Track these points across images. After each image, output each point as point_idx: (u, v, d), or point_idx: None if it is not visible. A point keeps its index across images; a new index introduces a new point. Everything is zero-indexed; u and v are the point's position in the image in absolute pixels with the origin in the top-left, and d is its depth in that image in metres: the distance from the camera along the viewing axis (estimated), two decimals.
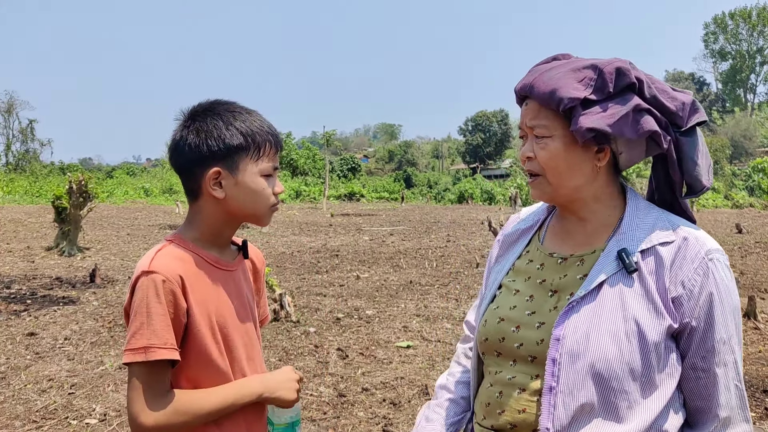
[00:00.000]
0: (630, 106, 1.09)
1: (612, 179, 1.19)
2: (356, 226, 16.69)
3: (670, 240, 1.11)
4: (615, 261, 1.11)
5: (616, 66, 1.11)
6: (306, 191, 34.81)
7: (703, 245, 1.10)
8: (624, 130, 1.09)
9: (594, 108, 1.09)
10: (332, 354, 4.88)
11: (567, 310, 1.11)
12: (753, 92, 70.92)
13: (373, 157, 73.04)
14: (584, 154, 1.14)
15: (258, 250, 1.52)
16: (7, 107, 48.30)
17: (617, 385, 1.05)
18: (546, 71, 1.16)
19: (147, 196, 31.84)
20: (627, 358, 1.05)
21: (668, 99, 1.13)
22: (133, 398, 1.16)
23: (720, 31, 68.90)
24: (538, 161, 1.16)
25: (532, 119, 1.17)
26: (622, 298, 1.08)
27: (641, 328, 1.06)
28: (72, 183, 10.09)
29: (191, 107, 1.31)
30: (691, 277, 1.08)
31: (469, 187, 36.93)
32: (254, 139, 1.26)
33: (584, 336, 1.07)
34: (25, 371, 4.37)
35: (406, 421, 3.59)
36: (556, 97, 1.10)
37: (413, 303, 6.83)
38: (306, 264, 9.65)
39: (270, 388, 1.30)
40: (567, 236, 1.23)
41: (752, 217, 20.91)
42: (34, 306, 6.38)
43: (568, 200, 1.20)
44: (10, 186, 30.67)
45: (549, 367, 1.09)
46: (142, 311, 1.17)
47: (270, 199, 1.30)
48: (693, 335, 1.09)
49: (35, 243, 11.64)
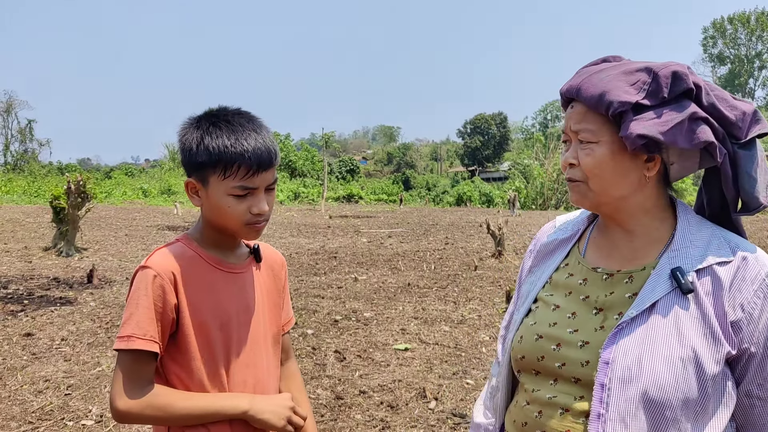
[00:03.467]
0: (686, 114, 1.02)
1: (662, 191, 1.12)
2: (354, 228, 16.69)
3: (729, 259, 1.04)
4: (669, 280, 1.04)
5: (673, 70, 1.03)
6: (304, 193, 34.84)
7: (764, 266, 1.04)
8: (678, 139, 1.02)
9: (647, 113, 1.02)
10: (330, 356, 4.87)
11: (617, 332, 1.03)
12: (752, 97, 71.15)
13: (371, 159, 73.12)
14: (632, 162, 1.07)
15: (277, 253, 1.50)
16: (5, 107, 48.33)
17: (671, 414, 0.98)
18: (595, 73, 1.09)
19: (145, 196, 31.84)
20: (682, 386, 0.98)
21: (728, 108, 1.05)
22: (115, 382, 1.21)
23: (719, 36, 69.18)
24: (582, 168, 1.09)
25: (577, 123, 1.09)
26: (677, 320, 1.01)
27: (698, 355, 0.99)
28: (70, 183, 10.07)
29: (199, 114, 1.29)
30: (751, 300, 1.02)
31: (468, 189, 36.98)
32: (221, 158, 1.21)
33: (636, 361, 1.00)
34: (22, 372, 4.35)
35: (404, 424, 3.59)
36: (606, 100, 1.03)
37: (411, 305, 6.82)
38: (304, 266, 9.63)
39: (257, 409, 1.27)
40: (612, 250, 1.15)
41: (751, 222, 20.94)
42: (31, 306, 6.36)
43: (613, 210, 1.12)
44: (9, 186, 30.65)
45: (597, 392, 1.01)
46: (133, 303, 1.22)
47: (241, 218, 1.25)
48: (751, 361, 1.03)
49: (33, 243, 11.61)
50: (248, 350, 1.32)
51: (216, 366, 1.28)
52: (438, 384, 4.25)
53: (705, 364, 0.99)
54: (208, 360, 1.27)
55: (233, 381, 1.30)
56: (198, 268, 1.28)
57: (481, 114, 67.06)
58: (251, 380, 1.32)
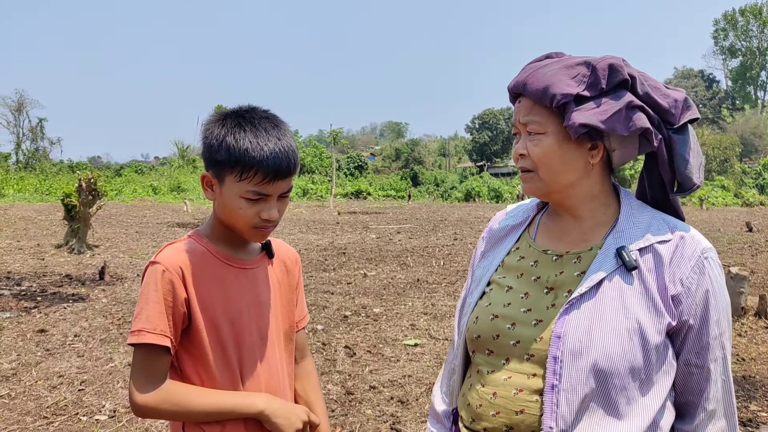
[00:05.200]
0: (623, 103, 1.10)
1: (605, 177, 1.20)
2: (363, 224, 16.71)
3: (668, 238, 1.12)
4: (614, 258, 1.11)
5: (609, 62, 1.11)
6: (313, 189, 34.91)
7: (699, 244, 1.12)
8: (616, 126, 1.09)
9: (587, 104, 1.10)
10: (340, 352, 4.89)
11: (567, 308, 1.10)
12: (763, 89, 70.35)
13: (379, 155, 73.04)
14: (577, 150, 1.14)
15: (291, 249, 1.50)
16: (17, 106, 48.73)
17: (619, 382, 1.06)
18: (539, 68, 1.16)
19: (155, 194, 32.05)
20: (629, 355, 1.06)
21: (661, 96, 1.13)
22: (131, 377, 1.24)
23: (730, 28, 68.37)
24: (531, 158, 1.16)
25: (525, 116, 1.17)
26: (623, 295, 1.09)
27: (642, 326, 1.07)
28: (81, 181, 10.16)
29: (230, 109, 1.29)
30: (689, 275, 1.09)
31: (476, 185, 36.88)
32: (240, 161, 1.21)
33: (586, 333, 1.07)
34: (36, 368, 4.40)
35: (414, 419, 3.60)
36: (549, 93, 1.10)
37: (420, 301, 6.83)
38: (313, 262, 9.66)
39: (273, 410, 1.27)
40: (561, 234, 1.22)
41: (763, 215, 20.73)
42: (44, 303, 6.43)
43: (563, 197, 1.19)
44: (21, 184, 30.96)
45: (551, 365, 1.08)
46: (143, 298, 1.24)
47: (250, 221, 1.25)
48: (689, 332, 1.11)
49: (45, 241, 11.73)
50: (260, 346, 1.33)
51: (228, 361, 1.28)
52: None
53: (648, 335, 1.07)
54: (221, 355, 1.28)
55: (246, 375, 1.30)
56: (207, 263, 1.28)
57: (490, 109, 66.79)
58: (264, 375, 1.33)
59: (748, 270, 8.30)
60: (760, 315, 5.76)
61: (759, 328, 5.57)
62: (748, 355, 4.87)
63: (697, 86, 68.42)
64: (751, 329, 5.53)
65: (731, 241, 12.84)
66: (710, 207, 26.32)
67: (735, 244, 12.30)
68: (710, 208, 25.57)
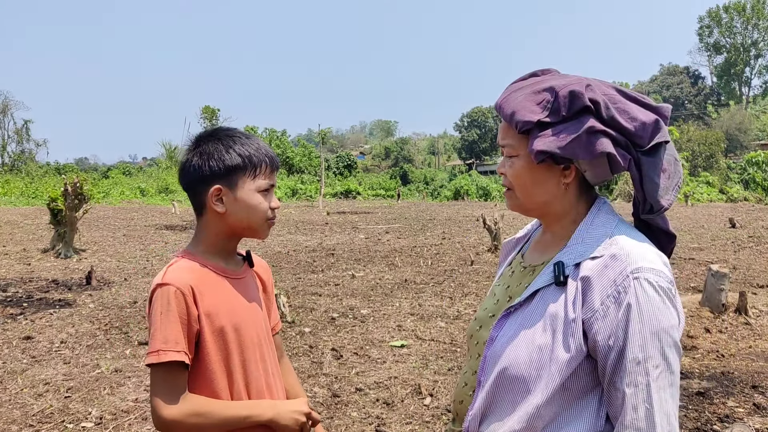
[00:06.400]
0: (583, 129, 1.11)
1: (581, 194, 1.22)
2: (352, 225, 16.73)
3: (600, 255, 1.12)
4: (551, 273, 1.16)
5: (570, 89, 1.12)
6: (302, 189, 34.82)
7: (633, 263, 1.08)
8: (577, 152, 1.11)
9: (547, 131, 1.13)
10: (327, 354, 4.92)
11: (505, 315, 1.21)
12: (748, 85, 71.07)
13: (369, 154, 72.99)
14: (549, 172, 1.18)
15: (263, 261, 1.63)
16: (1, 108, 48.13)
17: (524, 387, 1.13)
18: (514, 91, 1.20)
19: (143, 196, 31.79)
20: (536, 365, 1.12)
21: (628, 120, 1.13)
22: (153, 396, 1.30)
23: (715, 25, 68.98)
24: (508, 178, 1.23)
25: (502, 139, 1.23)
26: (546, 309, 1.14)
27: (555, 342, 1.11)
28: (67, 185, 10.09)
29: (197, 134, 1.44)
30: (610, 294, 1.08)
31: (465, 183, 36.95)
32: (251, 159, 1.39)
33: (508, 340, 1.16)
34: (22, 375, 4.40)
35: (399, 420, 3.64)
36: (515, 119, 1.15)
37: (408, 302, 6.87)
38: (302, 263, 9.68)
39: (280, 416, 1.40)
40: (543, 247, 1.29)
41: (746, 211, 20.98)
42: (31, 309, 6.40)
43: (540, 214, 1.26)
44: (6, 187, 30.59)
45: (481, 363, 1.21)
46: (157, 319, 1.31)
47: (266, 213, 1.42)
48: (609, 353, 1.08)
49: (31, 245, 11.64)
50: (258, 349, 1.44)
51: (232, 366, 1.38)
52: (433, 380, 4.30)
53: (558, 351, 1.10)
54: (225, 361, 1.37)
55: (249, 378, 1.41)
56: (209, 277, 1.39)
57: (478, 107, 66.94)
58: (264, 375, 1.45)
59: (729, 267, 8.44)
60: (740, 311, 5.86)
61: (739, 324, 5.67)
62: (727, 351, 4.97)
63: (683, 83, 69.04)
64: (731, 326, 5.63)
65: (714, 237, 13.00)
66: (695, 203, 26.60)
67: (718, 240, 12.46)
68: (695, 204, 25.84)
